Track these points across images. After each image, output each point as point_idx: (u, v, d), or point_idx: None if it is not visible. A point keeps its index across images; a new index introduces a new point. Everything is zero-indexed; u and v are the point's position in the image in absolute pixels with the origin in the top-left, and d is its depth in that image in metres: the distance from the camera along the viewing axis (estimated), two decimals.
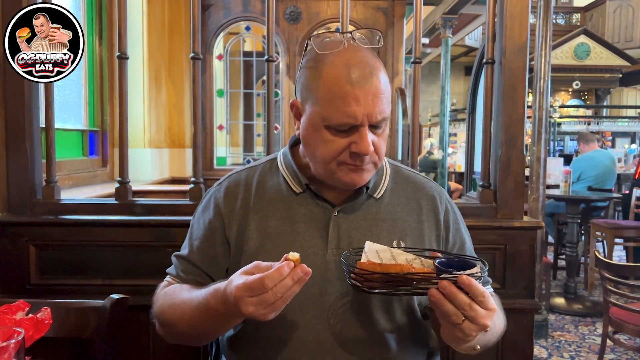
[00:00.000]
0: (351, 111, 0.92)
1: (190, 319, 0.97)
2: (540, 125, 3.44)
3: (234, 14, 4.44)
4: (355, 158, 0.97)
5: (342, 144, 0.96)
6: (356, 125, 0.94)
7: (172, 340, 1.08)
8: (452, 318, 0.83)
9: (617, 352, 3.43)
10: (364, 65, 0.95)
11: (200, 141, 1.74)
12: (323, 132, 0.96)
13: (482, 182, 1.75)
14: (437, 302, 0.83)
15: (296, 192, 1.07)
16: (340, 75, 0.93)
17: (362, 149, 0.95)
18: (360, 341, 1.00)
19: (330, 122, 0.95)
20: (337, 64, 0.95)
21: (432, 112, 12.98)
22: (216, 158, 4.57)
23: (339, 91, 0.93)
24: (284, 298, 0.82)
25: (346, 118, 0.93)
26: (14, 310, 0.96)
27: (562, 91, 10.53)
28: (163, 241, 1.60)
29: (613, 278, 2.60)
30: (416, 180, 1.15)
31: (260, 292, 0.81)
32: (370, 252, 0.92)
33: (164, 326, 1.05)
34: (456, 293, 0.81)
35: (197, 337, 1.02)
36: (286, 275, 0.81)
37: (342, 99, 0.93)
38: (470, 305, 0.82)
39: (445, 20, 6.79)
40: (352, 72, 0.93)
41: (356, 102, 0.92)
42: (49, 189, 1.67)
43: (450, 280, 0.82)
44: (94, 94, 3.66)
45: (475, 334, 0.85)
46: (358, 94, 0.92)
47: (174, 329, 1.03)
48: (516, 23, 1.67)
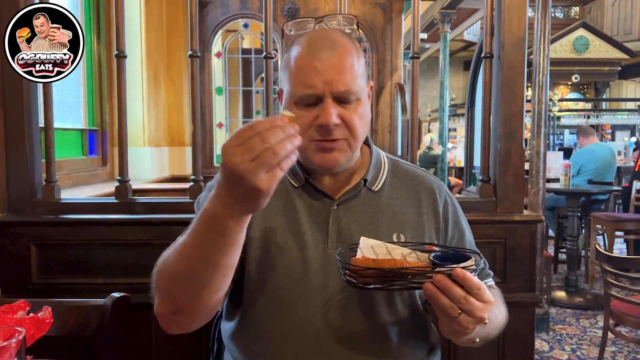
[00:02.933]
0: (311, 81, 0.95)
1: (182, 247, 0.87)
2: (540, 119, 3.43)
3: (232, 11, 4.43)
4: (321, 132, 0.97)
5: (309, 119, 0.97)
6: (318, 95, 0.95)
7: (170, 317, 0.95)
8: (448, 311, 0.82)
9: (618, 344, 3.44)
10: (326, 41, 0.98)
11: (199, 139, 1.74)
12: (294, 110, 0.97)
13: (481, 176, 1.75)
14: (432, 295, 0.82)
15: (295, 186, 1.07)
16: (303, 51, 0.97)
17: (324, 119, 0.95)
18: (361, 335, 1.01)
19: (295, 97, 0.97)
20: (303, 42, 0.99)
21: (432, 107, 12.97)
22: (216, 156, 4.57)
23: (301, 64, 0.96)
24: (273, 149, 0.73)
25: (307, 89, 0.95)
26: (15, 309, 0.96)
27: (562, 85, 10.52)
28: (164, 239, 1.58)
29: (614, 271, 2.60)
30: (415, 173, 1.16)
31: (247, 137, 0.74)
32: (365, 247, 0.92)
33: (158, 286, 0.93)
34: (451, 286, 0.81)
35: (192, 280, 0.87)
36: (278, 126, 0.75)
37: (302, 71, 0.96)
38: (465, 298, 0.81)
39: (443, 15, 6.76)
40: (313, 46, 0.97)
41: (315, 72, 0.95)
42: (49, 188, 1.67)
43: (444, 273, 0.82)
44: (93, 93, 3.66)
45: (472, 327, 0.84)
46: (317, 65, 0.95)
47: (167, 281, 0.91)
48: (514, 16, 1.66)
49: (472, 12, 8.43)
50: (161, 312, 0.94)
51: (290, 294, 1.01)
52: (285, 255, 1.02)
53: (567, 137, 11.46)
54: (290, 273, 1.01)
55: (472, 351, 1.67)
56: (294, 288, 1.01)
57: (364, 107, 1.01)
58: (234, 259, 0.87)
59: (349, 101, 0.98)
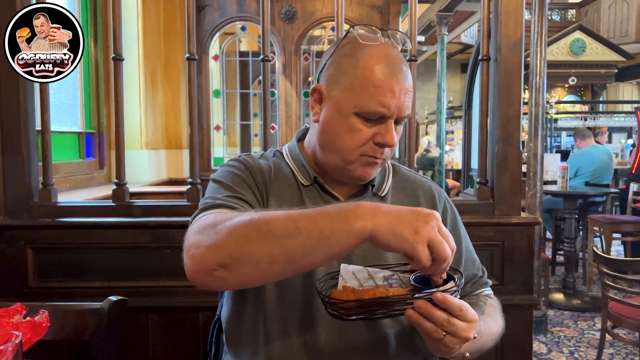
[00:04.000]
0: (386, 101, 0.96)
1: (309, 232, 0.77)
2: (537, 121, 3.44)
3: (229, 14, 4.43)
4: (377, 150, 0.99)
5: (368, 134, 0.98)
6: (386, 116, 0.97)
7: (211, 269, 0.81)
8: (432, 335, 0.82)
9: (616, 346, 3.44)
10: (400, 62, 0.99)
11: (197, 142, 1.73)
12: (351, 119, 0.98)
13: (479, 179, 1.75)
14: (415, 321, 0.82)
15: (304, 184, 1.07)
16: (379, 65, 0.97)
17: (387, 139, 0.97)
18: (362, 342, 1.00)
19: (362, 109, 0.97)
20: (376, 55, 0.98)
21: (429, 110, 12.99)
22: (213, 158, 4.57)
23: (377, 80, 0.96)
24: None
25: (380, 107, 0.96)
26: (12, 313, 0.96)
27: (559, 87, 10.55)
28: (161, 242, 1.60)
29: (611, 273, 2.60)
30: (415, 179, 1.17)
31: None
32: (346, 274, 0.91)
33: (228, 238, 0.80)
34: (432, 311, 0.80)
35: (288, 259, 0.79)
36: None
37: (378, 88, 0.96)
38: (448, 321, 0.81)
39: (440, 18, 6.78)
40: (390, 66, 0.97)
41: (392, 93, 0.96)
42: (45, 191, 1.67)
43: (425, 298, 0.81)
44: (90, 96, 3.66)
45: (458, 347, 0.84)
46: (394, 87, 0.96)
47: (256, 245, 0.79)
48: (511, 19, 1.67)
49: (469, 15, 8.45)
50: (208, 259, 0.81)
51: (292, 299, 1.00)
52: None
53: (564, 140, 11.49)
54: (292, 278, 0.99)
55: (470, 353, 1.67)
56: (296, 293, 1.00)
57: None
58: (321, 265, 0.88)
59: (401, 123, 1.02)
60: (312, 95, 1.05)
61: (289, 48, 4.56)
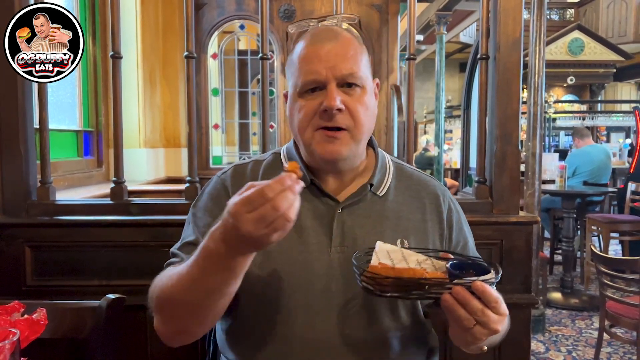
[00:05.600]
0: (313, 67, 0.96)
1: (187, 279, 0.86)
2: (535, 120, 3.44)
3: (227, 12, 4.42)
4: (325, 117, 0.96)
5: (313, 105, 0.97)
6: (321, 81, 0.96)
7: (171, 336, 0.97)
8: (464, 323, 0.82)
9: (613, 345, 3.45)
10: (330, 32, 1.01)
11: (195, 140, 1.73)
12: (298, 101, 1.00)
13: (477, 178, 1.75)
14: (450, 307, 0.82)
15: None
16: (306, 43, 1.00)
17: (327, 102, 0.95)
18: (362, 340, 1.00)
19: (299, 87, 0.98)
20: (306, 37, 1.01)
21: (428, 109, 12.98)
22: (212, 157, 4.56)
23: (303, 55, 0.99)
24: (285, 216, 0.73)
25: (310, 75, 0.96)
26: (9, 311, 0.96)
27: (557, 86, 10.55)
28: (159, 241, 1.59)
29: (609, 272, 2.61)
30: (420, 178, 1.15)
31: (259, 205, 0.72)
32: (380, 252, 0.90)
33: (160, 310, 0.94)
34: (469, 299, 0.81)
35: (197, 309, 0.89)
36: (287, 187, 0.73)
37: (305, 60, 0.98)
38: (482, 311, 0.81)
39: (439, 17, 6.78)
40: (315, 38, 1.00)
41: (318, 58, 0.96)
42: (43, 190, 1.67)
43: (464, 285, 0.81)
44: (88, 94, 3.65)
45: (485, 338, 0.85)
46: (320, 52, 0.97)
47: (171, 308, 0.92)
48: (510, 18, 1.67)
49: (468, 14, 8.45)
50: (163, 331, 0.96)
51: (292, 297, 0.99)
52: (288, 258, 1.00)
53: (563, 139, 11.48)
54: (292, 276, 1.00)
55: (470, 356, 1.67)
56: (296, 292, 0.99)
57: (369, 98, 1.01)
58: (239, 282, 0.87)
59: (352, 87, 0.98)
60: (285, 101, 1.07)
61: (287, 47, 4.55)
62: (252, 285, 1.00)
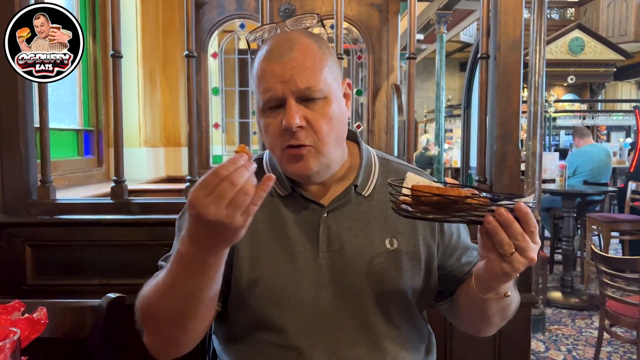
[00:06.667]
0: (268, 85, 0.92)
1: (163, 287, 0.87)
2: (536, 120, 3.44)
3: (228, 11, 4.43)
4: (287, 136, 0.92)
5: (276, 125, 0.93)
6: (279, 98, 0.92)
7: (160, 349, 0.97)
8: (504, 248, 0.81)
9: (613, 344, 3.45)
10: (286, 43, 0.94)
11: (195, 139, 1.73)
12: (262, 120, 0.96)
13: (478, 177, 1.75)
14: (493, 229, 0.80)
15: (282, 195, 1.03)
16: (261, 59, 0.95)
17: (286, 121, 0.90)
18: (356, 345, 0.98)
19: (260, 104, 0.95)
20: (263, 50, 0.96)
21: (428, 108, 12.97)
22: (212, 156, 4.57)
23: (259, 73, 0.94)
24: (244, 189, 0.72)
25: (266, 92, 0.92)
26: (10, 310, 0.96)
27: (557, 86, 10.54)
28: (159, 240, 1.59)
29: (609, 271, 2.61)
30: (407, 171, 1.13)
31: (216, 185, 0.72)
32: (411, 182, 0.86)
33: (144, 322, 0.94)
34: (512, 221, 0.80)
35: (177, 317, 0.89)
36: (241, 165, 0.73)
37: (262, 78, 0.93)
38: (522, 235, 0.80)
39: (439, 16, 6.78)
40: (271, 51, 0.94)
41: (272, 75, 0.91)
42: (44, 189, 1.67)
43: (507, 207, 0.80)
44: (89, 93, 3.65)
45: (522, 268, 0.83)
46: (274, 68, 0.92)
47: (153, 319, 0.92)
48: (510, 18, 1.67)
49: (468, 14, 8.45)
50: (150, 344, 0.96)
51: (282, 307, 0.98)
52: (274, 269, 0.99)
53: (563, 138, 11.48)
54: (280, 287, 0.98)
55: (469, 351, 1.67)
56: (286, 301, 0.98)
57: (335, 107, 0.96)
58: (217, 287, 0.88)
59: (313, 100, 0.93)
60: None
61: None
62: (242, 298, 0.99)
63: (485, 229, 0.82)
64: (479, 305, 0.96)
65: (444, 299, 1.12)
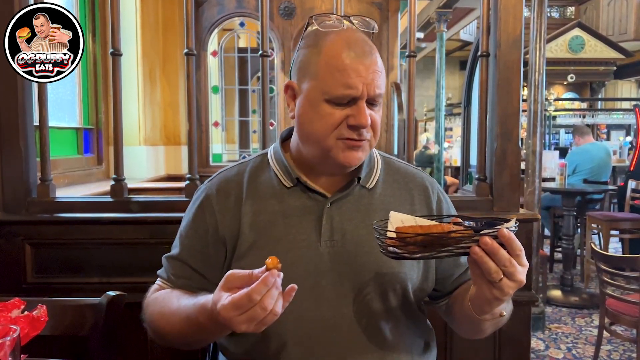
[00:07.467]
0: (352, 82, 0.95)
1: (179, 331, 0.97)
2: (536, 118, 3.44)
3: (227, 10, 4.42)
4: (353, 131, 0.98)
5: (340, 117, 0.97)
6: (355, 97, 0.96)
7: (165, 345, 1.06)
8: (492, 275, 0.83)
9: (613, 343, 3.45)
10: (363, 44, 0.99)
11: (195, 138, 1.73)
12: (321, 106, 0.97)
13: (478, 175, 1.75)
14: (480, 259, 0.83)
15: (287, 187, 1.06)
16: (341, 49, 0.96)
17: (360, 120, 0.96)
18: (355, 334, 1.00)
19: (330, 95, 0.96)
20: (338, 41, 0.98)
21: (428, 107, 12.97)
22: (212, 155, 4.56)
23: (340, 64, 0.96)
24: (273, 312, 0.80)
25: (347, 89, 0.95)
26: (10, 308, 0.96)
27: (557, 84, 10.54)
28: (159, 238, 1.60)
29: (609, 270, 2.61)
30: (407, 171, 1.16)
31: (248, 308, 0.79)
32: (395, 221, 0.90)
33: (154, 333, 1.05)
34: (498, 248, 0.82)
35: (188, 344, 1.03)
36: (272, 285, 0.80)
37: (342, 72, 0.95)
38: (510, 261, 0.83)
39: (439, 15, 6.77)
40: (352, 48, 0.97)
41: (356, 74, 0.95)
42: (43, 187, 1.67)
43: (490, 235, 0.82)
44: (88, 91, 3.65)
45: (512, 292, 0.86)
46: (359, 67, 0.95)
47: (165, 338, 1.03)
48: (510, 16, 1.67)
49: (468, 12, 8.44)
50: (154, 339, 1.07)
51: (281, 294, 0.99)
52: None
53: (563, 137, 11.47)
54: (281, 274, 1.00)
55: (469, 349, 1.67)
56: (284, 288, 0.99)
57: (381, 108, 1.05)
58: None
59: (377, 104, 1.00)
60: (285, 92, 1.05)
61: (287, 44, 4.56)
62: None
63: (472, 258, 0.84)
64: (474, 322, 0.99)
65: (440, 297, 1.16)
